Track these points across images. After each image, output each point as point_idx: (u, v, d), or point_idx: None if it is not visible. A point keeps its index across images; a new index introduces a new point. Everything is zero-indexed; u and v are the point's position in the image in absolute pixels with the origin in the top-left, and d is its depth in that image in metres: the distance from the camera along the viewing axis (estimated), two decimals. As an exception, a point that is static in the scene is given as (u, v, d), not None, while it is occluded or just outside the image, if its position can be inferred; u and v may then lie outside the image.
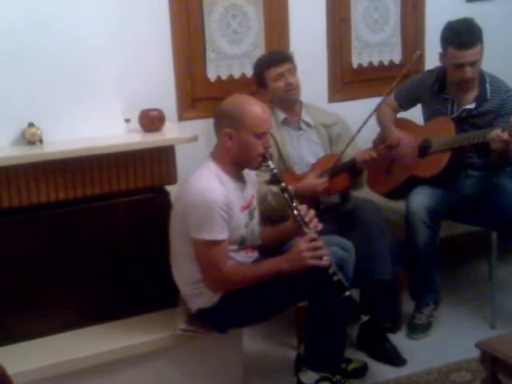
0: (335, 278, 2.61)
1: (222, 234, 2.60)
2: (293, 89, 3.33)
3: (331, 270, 2.61)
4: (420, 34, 4.20)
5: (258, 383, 3.04)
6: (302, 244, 2.62)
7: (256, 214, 2.82)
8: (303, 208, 2.73)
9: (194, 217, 2.59)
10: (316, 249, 2.61)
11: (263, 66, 3.37)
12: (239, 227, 2.68)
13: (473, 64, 3.24)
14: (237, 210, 2.67)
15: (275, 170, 2.73)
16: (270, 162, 2.71)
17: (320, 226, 2.71)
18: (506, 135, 3.04)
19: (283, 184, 2.72)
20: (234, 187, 2.69)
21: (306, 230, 2.66)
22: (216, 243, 2.59)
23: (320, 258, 2.60)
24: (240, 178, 2.75)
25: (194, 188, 2.61)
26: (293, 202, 2.71)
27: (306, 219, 2.69)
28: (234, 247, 2.71)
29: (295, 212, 2.70)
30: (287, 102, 3.37)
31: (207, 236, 2.57)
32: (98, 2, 2.75)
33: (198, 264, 2.65)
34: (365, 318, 2.69)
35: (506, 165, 3.34)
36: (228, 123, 2.63)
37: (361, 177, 3.38)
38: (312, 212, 2.73)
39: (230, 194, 2.64)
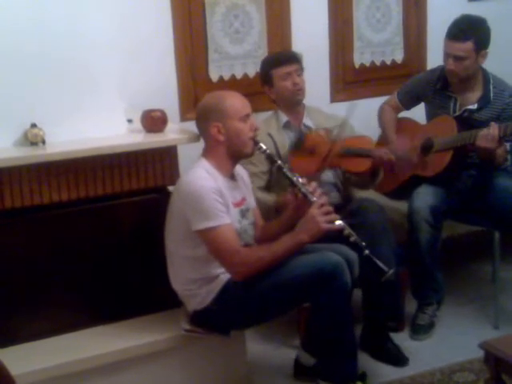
0: (352, 239, 2.61)
1: (223, 218, 2.58)
2: (299, 89, 3.32)
3: (346, 232, 2.61)
4: (422, 33, 4.19)
5: (260, 383, 3.04)
6: (313, 210, 2.58)
7: (249, 215, 2.80)
8: (304, 180, 2.72)
9: (191, 209, 2.58)
10: (327, 213, 2.59)
11: (271, 63, 3.37)
12: (233, 221, 2.67)
13: (457, 58, 3.25)
14: (230, 203, 2.67)
15: (268, 151, 2.76)
16: (261, 144, 2.74)
17: (325, 197, 2.69)
18: (497, 132, 3.06)
19: (279, 162, 2.75)
20: (224, 183, 2.69)
21: (313, 198, 2.64)
22: (221, 228, 2.56)
23: (332, 222, 2.59)
24: (231, 177, 2.76)
25: (184, 183, 2.65)
26: (293, 177, 2.70)
27: (310, 189, 2.68)
28: None
29: (298, 185, 2.68)
30: (292, 103, 3.36)
31: (209, 223, 2.55)
32: (101, 3, 2.75)
33: (213, 256, 2.61)
34: (390, 272, 2.64)
35: (492, 165, 3.32)
36: (212, 118, 2.68)
37: (378, 174, 3.33)
38: (314, 184, 2.73)
39: (221, 185, 2.64)
